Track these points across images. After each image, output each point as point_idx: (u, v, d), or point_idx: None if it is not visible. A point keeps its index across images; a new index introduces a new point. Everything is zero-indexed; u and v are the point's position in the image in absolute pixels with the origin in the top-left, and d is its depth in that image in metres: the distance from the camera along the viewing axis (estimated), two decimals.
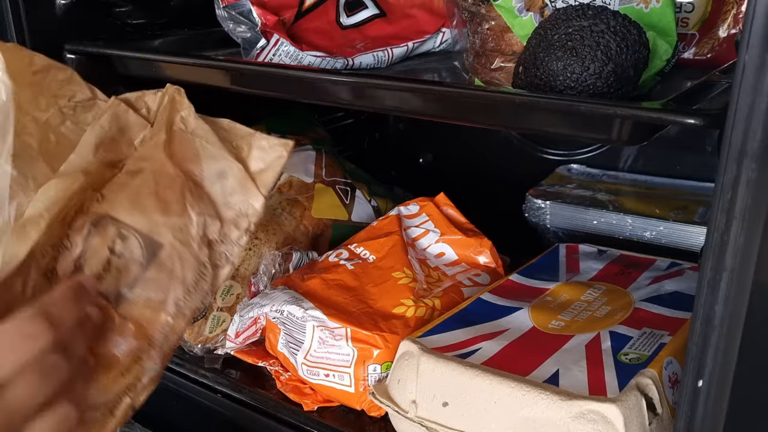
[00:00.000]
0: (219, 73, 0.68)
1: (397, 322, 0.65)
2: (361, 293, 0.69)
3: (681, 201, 0.85)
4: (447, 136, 1.10)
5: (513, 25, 0.59)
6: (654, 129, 0.50)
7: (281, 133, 0.91)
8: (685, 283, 0.70)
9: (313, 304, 0.66)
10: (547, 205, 0.87)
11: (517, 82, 0.55)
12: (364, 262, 0.73)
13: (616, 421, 0.49)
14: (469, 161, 1.09)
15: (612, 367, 0.55)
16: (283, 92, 0.68)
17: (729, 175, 0.37)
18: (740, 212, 0.37)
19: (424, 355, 0.57)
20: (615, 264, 0.76)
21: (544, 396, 0.51)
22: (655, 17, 0.57)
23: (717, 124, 0.42)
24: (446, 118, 0.64)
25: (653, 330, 0.61)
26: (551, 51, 0.50)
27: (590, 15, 0.50)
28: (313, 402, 0.67)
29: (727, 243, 0.38)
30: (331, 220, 0.85)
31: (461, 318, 0.64)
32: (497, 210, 0.88)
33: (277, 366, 0.71)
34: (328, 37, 0.72)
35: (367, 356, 0.63)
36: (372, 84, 0.60)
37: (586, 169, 0.97)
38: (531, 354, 0.57)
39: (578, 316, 0.64)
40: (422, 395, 0.56)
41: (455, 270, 0.76)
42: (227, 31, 0.70)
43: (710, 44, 0.65)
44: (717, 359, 0.40)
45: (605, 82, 0.49)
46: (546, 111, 0.51)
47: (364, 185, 0.91)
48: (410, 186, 1.02)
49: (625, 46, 0.50)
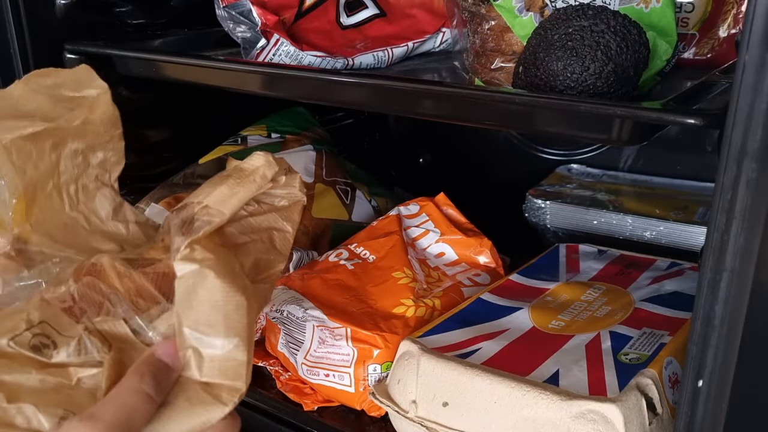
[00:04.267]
0: (219, 73, 0.68)
1: (397, 322, 0.65)
2: (361, 293, 0.69)
3: (681, 201, 0.85)
4: (447, 136, 1.10)
5: (513, 25, 0.59)
6: (654, 129, 0.50)
7: (281, 133, 0.91)
8: (685, 283, 0.70)
9: (313, 303, 0.66)
10: (547, 205, 0.87)
11: (517, 82, 0.55)
12: (364, 262, 0.73)
13: (616, 421, 0.49)
14: (469, 161, 1.09)
15: (612, 367, 0.55)
16: (283, 92, 0.68)
17: (729, 175, 0.37)
18: (740, 212, 0.37)
19: (424, 355, 0.57)
20: (615, 264, 0.76)
21: (544, 396, 0.51)
22: (655, 17, 0.57)
23: (717, 124, 0.42)
24: (446, 118, 0.64)
25: (653, 330, 0.61)
26: (551, 51, 0.50)
27: (590, 15, 0.50)
28: (313, 402, 0.67)
29: (727, 243, 0.38)
30: (332, 220, 0.85)
31: (461, 318, 0.64)
32: (497, 210, 0.89)
33: (277, 366, 0.71)
34: (328, 37, 0.72)
35: (367, 356, 0.63)
36: (372, 84, 0.60)
37: (586, 169, 0.97)
38: (531, 354, 0.57)
39: (578, 316, 0.64)
40: (422, 395, 0.56)
41: (455, 270, 0.76)
42: (227, 31, 0.70)
43: (710, 44, 0.65)
44: (717, 359, 0.40)
45: (605, 82, 0.49)
46: (546, 111, 0.51)
47: (364, 185, 0.91)
48: (410, 186, 1.02)
49: (625, 46, 0.50)
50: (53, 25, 0.72)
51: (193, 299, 0.38)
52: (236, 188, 0.42)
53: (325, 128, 0.99)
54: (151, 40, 0.79)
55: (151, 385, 0.37)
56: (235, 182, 0.42)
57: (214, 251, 0.39)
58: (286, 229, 0.45)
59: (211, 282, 0.38)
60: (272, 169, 0.43)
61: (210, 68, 0.68)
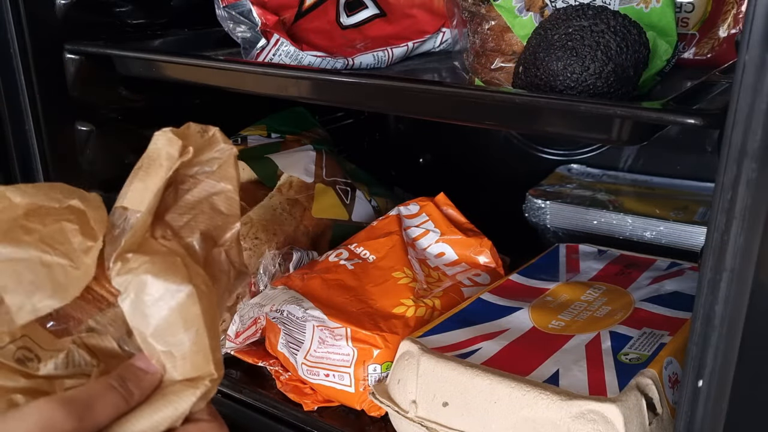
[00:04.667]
0: (219, 73, 0.68)
1: (397, 322, 0.65)
2: (361, 293, 0.69)
3: (681, 201, 0.85)
4: (447, 136, 1.10)
5: (513, 25, 0.59)
6: (654, 129, 0.50)
7: (281, 133, 0.91)
8: (685, 283, 0.70)
9: (313, 303, 0.66)
10: (547, 205, 0.87)
11: (517, 82, 0.55)
12: (364, 262, 0.73)
13: (616, 421, 0.49)
14: (469, 161, 1.09)
15: (612, 367, 0.55)
16: (283, 92, 0.68)
17: (729, 175, 0.37)
18: (740, 212, 0.37)
19: (424, 355, 0.57)
20: (615, 264, 0.76)
21: (544, 396, 0.51)
22: (655, 17, 0.57)
23: (717, 124, 0.42)
24: (446, 118, 0.64)
25: (653, 330, 0.61)
26: (551, 51, 0.50)
27: (590, 15, 0.50)
28: (313, 402, 0.67)
29: (727, 243, 0.38)
30: (331, 220, 0.85)
31: (461, 318, 0.64)
32: (497, 210, 0.88)
33: (277, 366, 0.71)
34: (328, 37, 0.72)
35: (367, 356, 0.63)
36: (372, 84, 0.60)
37: (586, 169, 0.97)
38: (531, 354, 0.57)
39: (578, 316, 0.64)
40: (422, 395, 0.56)
41: (455, 270, 0.76)
42: (227, 31, 0.70)
43: (710, 44, 0.65)
44: (717, 359, 0.40)
45: (605, 82, 0.49)
46: (546, 111, 0.51)
47: (364, 185, 0.91)
48: (410, 186, 1.02)
49: (625, 46, 0.50)
50: (53, 25, 0.72)
51: (144, 308, 0.38)
52: (146, 180, 0.41)
53: (325, 128, 0.99)
54: (151, 40, 0.79)
55: (117, 379, 0.38)
56: (145, 173, 0.41)
57: (146, 251, 0.39)
58: (225, 189, 0.43)
59: (151, 285, 0.38)
60: (175, 145, 0.41)
61: (210, 68, 0.68)
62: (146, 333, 0.38)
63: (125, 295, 0.38)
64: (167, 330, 0.38)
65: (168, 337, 0.38)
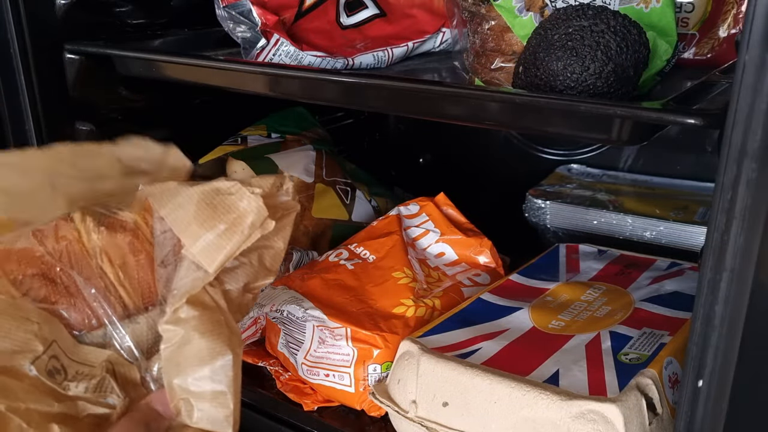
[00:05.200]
0: (219, 73, 0.68)
1: (397, 322, 0.65)
2: (361, 293, 0.69)
3: (681, 201, 0.85)
4: (447, 136, 1.10)
5: (513, 25, 0.59)
6: (654, 129, 0.50)
7: (281, 133, 0.91)
8: (685, 283, 0.70)
9: (313, 303, 0.66)
10: (547, 205, 0.87)
11: (517, 82, 0.55)
12: (364, 262, 0.73)
13: (616, 421, 0.49)
14: (469, 161, 1.09)
15: (612, 367, 0.55)
16: (283, 92, 0.68)
17: (729, 175, 0.37)
18: (740, 212, 0.37)
19: (424, 355, 0.57)
20: (615, 264, 0.76)
21: (544, 396, 0.51)
22: (655, 17, 0.57)
23: (717, 124, 0.42)
24: (446, 118, 0.64)
25: (653, 330, 0.61)
26: (551, 51, 0.50)
27: (590, 15, 0.50)
28: (313, 402, 0.67)
29: (727, 243, 0.38)
30: (331, 220, 0.85)
31: (461, 318, 0.64)
32: (497, 210, 0.89)
33: (277, 366, 0.71)
34: (328, 37, 0.72)
35: (367, 356, 0.63)
36: (372, 84, 0.60)
37: (586, 169, 0.97)
38: (531, 354, 0.57)
39: (578, 316, 0.64)
40: (422, 395, 0.56)
41: (455, 270, 0.76)
42: (227, 31, 0.70)
43: (710, 44, 0.65)
44: (717, 359, 0.40)
45: (605, 82, 0.49)
46: (546, 111, 0.51)
47: (364, 185, 0.91)
48: (410, 186, 1.02)
49: (625, 46, 0.50)
50: (53, 25, 0.72)
51: (180, 358, 0.39)
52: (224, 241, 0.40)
53: (325, 128, 0.99)
54: (151, 40, 0.79)
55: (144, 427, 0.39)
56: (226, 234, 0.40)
57: (195, 301, 0.40)
58: (276, 246, 0.44)
59: (196, 342, 0.39)
60: (262, 215, 0.41)
61: (210, 68, 0.68)
62: (175, 379, 0.39)
63: (168, 344, 0.39)
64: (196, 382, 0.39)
65: (194, 389, 0.39)
